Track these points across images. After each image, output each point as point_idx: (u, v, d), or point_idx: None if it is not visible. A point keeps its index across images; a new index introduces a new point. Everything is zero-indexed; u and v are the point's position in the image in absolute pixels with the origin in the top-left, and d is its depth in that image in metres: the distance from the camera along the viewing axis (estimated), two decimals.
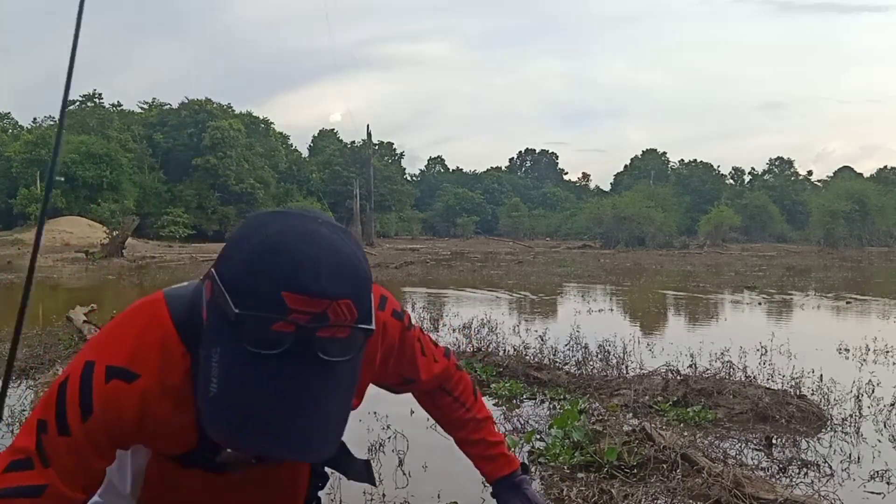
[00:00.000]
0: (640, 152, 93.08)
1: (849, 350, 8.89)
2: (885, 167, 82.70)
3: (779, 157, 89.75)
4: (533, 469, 4.66)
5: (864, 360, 8.34)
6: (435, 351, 1.41)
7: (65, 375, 0.98)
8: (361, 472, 1.40)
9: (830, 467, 4.68)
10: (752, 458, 4.88)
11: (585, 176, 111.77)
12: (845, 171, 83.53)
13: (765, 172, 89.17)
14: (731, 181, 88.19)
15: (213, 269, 0.93)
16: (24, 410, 5.63)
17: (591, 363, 7.81)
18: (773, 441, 5.21)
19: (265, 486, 1.17)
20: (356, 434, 4.75)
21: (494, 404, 6.37)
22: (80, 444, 0.93)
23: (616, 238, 51.27)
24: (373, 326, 0.90)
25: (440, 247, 48.65)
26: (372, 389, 1.47)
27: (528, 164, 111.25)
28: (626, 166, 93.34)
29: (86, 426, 0.93)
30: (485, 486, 4.36)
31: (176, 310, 1.01)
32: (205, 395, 0.87)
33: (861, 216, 51.39)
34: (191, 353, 0.98)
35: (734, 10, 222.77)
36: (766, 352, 8.71)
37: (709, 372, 6.82)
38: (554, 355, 8.19)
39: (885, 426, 5.70)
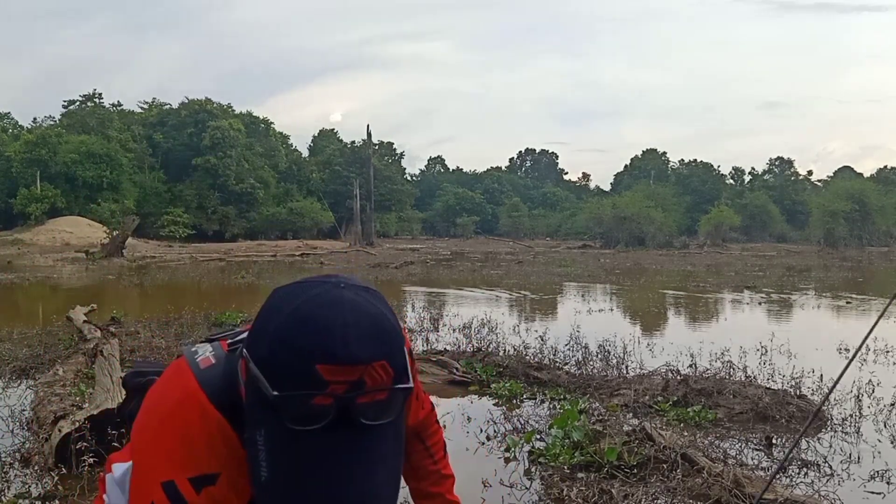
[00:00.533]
0: (640, 152, 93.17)
1: (849, 350, 8.88)
2: (885, 167, 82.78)
3: (779, 157, 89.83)
4: (533, 469, 4.67)
5: (864, 360, 8.33)
6: (424, 397, 1.38)
7: (145, 495, 0.95)
8: None
9: (830, 467, 4.68)
10: (752, 458, 4.88)
11: (585, 176, 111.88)
12: (845, 171, 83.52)
13: (765, 172, 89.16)
14: (731, 181, 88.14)
15: (244, 349, 0.91)
16: (23, 410, 5.63)
17: (591, 363, 7.81)
18: (773, 441, 5.22)
19: None
20: None
21: (494, 404, 6.38)
22: None
23: (616, 238, 51.29)
24: (411, 385, 0.89)
25: (440, 247, 48.68)
26: None
27: (528, 164, 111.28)
28: (626, 166, 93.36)
29: None
30: (485, 486, 4.38)
31: (215, 395, 0.99)
32: (257, 481, 0.86)
33: (861, 216, 51.40)
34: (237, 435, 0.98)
35: (734, 10, 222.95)
36: (766, 352, 8.71)
37: (709, 372, 6.83)
38: (554, 355, 8.20)
39: (885, 426, 5.70)
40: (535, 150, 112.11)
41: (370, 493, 0.85)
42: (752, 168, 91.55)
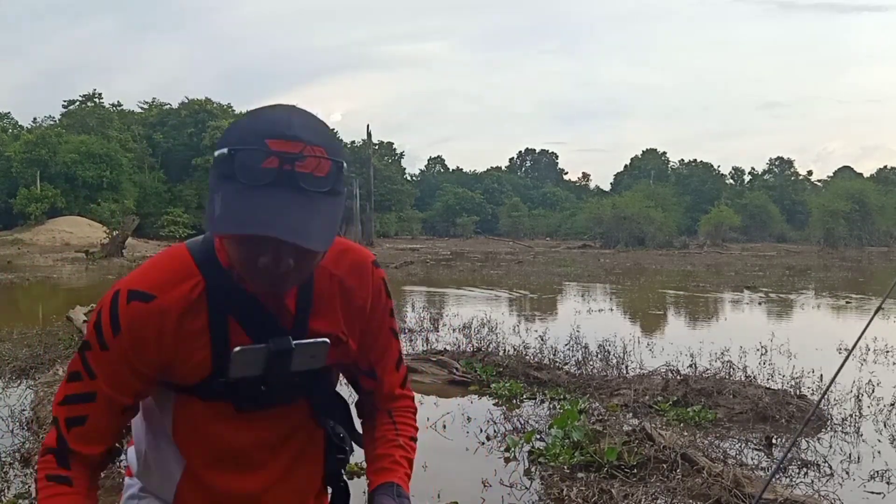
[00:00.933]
0: (640, 152, 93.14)
1: (849, 350, 8.88)
2: (885, 167, 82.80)
3: (779, 157, 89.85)
4: (533, 469, 4.67)
5: (864, 360, 8.34)
6: (401, 362, 1.42)
7: (100, 306, 1.17)
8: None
9: (830, 467, 4.68)
10: (752, 458, 4.88)
11: (585, 176, 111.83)
12: (845, 171, 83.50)
13: (765, 172, 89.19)
14: (731, 181, 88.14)
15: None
16: (23, 410, 5.64)
17: (591, 363, 7.81)
18: (773, 441, 5.22)
19: (279, 430, 1.27)
20: None
21: (494, 404, 6.38)
22: (115, 356, 1.14)
23: (616, 238, 51.26)
24: (342, 160, 1.08)
25: (440, 247, 48.66)
26: None
27: (528, 163, 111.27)
28: (626, 166, 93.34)
29: (117, 340, 1.13)
30: (485, 486, 4.38)
31: (192, 246, 1.21)
32: (211, 218, 1.04)
33: (861, 216, 51.37)
34: (205, 278, 1.16)
35: (734, 10, 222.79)
36: (766, 352, 8.71)
37: (709, 372, 6.83)
38: (554, 355, 8.19)
39: (885, 426, 5.70)
40: (534, 150, 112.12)
41: (302, 227, 1.01)
42: (752, 168, 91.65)
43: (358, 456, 1.45)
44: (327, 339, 1.23)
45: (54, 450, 1.17)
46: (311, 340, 1.21)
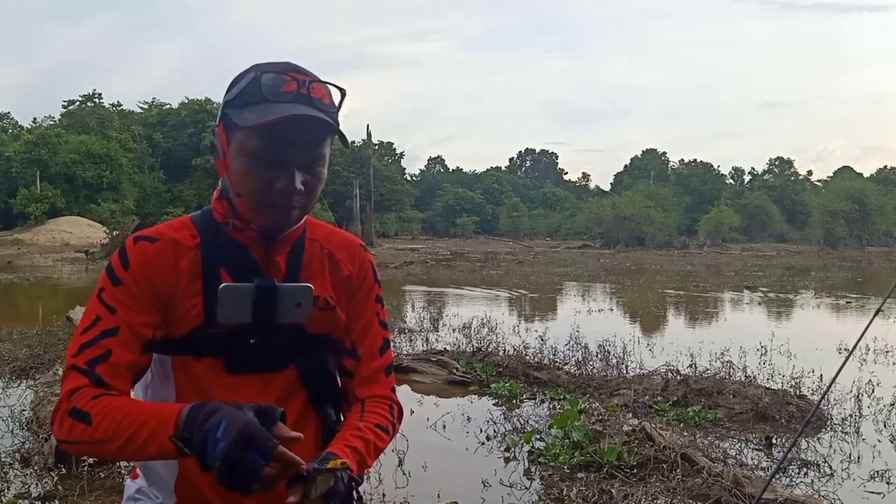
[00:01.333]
0: (640, 152, 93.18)
1: (848, 350, 8.88)
2: (885, 167, 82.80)
3: (779, 157, 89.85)
4: (533, 469, 4.67)
5: (864, 360, 8.34)
6: (386, 349, 1.42)
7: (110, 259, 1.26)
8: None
9: (830, 467, 4.69)
10: (752, 458, 4.88)
11: (585, 176, 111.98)
12: (845, 171, 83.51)
13: (765, 172, 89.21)
14: (731, 181, 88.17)
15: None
16: (23, 410, 5.63)
17: (591, 363, 7.81)
18: (773, 441, 5.22)
19: (269, 394, 1.28)
20: None
21: (494, 404, 6.38)
22: (129, 287, 1.21)
23: (616, 238, 51.24)
24: (344, 88, 1.25)
25: (440, 247, 48.65)
26: None
27: (528, 163, 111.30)
28: (626, 166, 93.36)
29: (128, 274, 1.21)
30: (485, 486, 4.38)
31: (193, 213, 1.35)
32: (240, 120, 1.18)
33: (861, 216, 51.34)
34: (201, 233, 1.27)
35: (734, 10, 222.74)
36: (766, 352, 8.70)
37: (709, 372, 6.82)
38: (554, 355, 8.19)
39: (885, 426, 5.70)
40: (534, 150, 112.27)
41: (322, 119, 1.18)
42: (752, 168, 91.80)
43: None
44: (311, 285, 1.27)
45: (79, 387, 1.16)
46: (296, 284, 1.26)
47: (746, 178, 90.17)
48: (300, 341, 1.29)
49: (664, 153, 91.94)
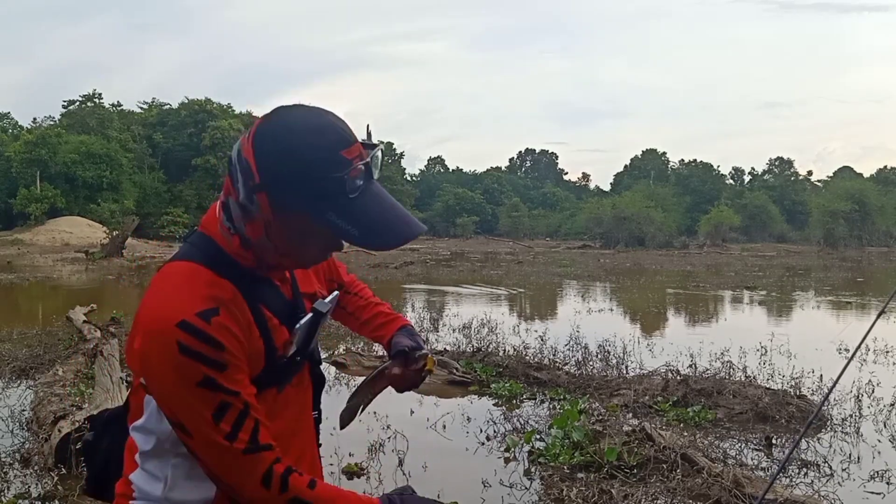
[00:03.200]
0: (640, 152, 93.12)
1: (848, 350, 8.87)
2: (885, 167, 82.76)
3: (779, 157, 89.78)
4: (533, 469, 4.67)
5: (864, 360, 8.33)
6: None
7: (166, 345, 1.10)
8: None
9: (830, 467, 4.68)
10: (752, 458, 4.88)
11: (585, 176, 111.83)
12: (845, 171, 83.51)
13: (765, 172, 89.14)
14: (731, 181, 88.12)
15: (256, 181, 1.15)
16: (23, 410, 5.63)
17: (591, 363, 7.81)
18: (773, 441, 5.22)
19: (298, 406, 1.37)
20: (356, 434, 4.76)
21: (494, 404, 6.38)
22: (235, 365, 1.15)
23: (616, 238, 51.26)
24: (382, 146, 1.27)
25: (440, 247, 48.62)
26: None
27: (528, 164, 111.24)
28: (626, 166, 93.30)
29: (227, 355, 1.13)
30: (485, 486, 4.38)
31: (192, 256, 1.22)
32: (351, 237, 1.15)
33: (861, 216, 51.35)
34: (230, 279, 1.20)
35: (734, 10, 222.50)
36: (766, 352, 8.71)
37: (709, 372, 6.82)
38: (554, 355, 8.19)
39: (885, 426, 5.70)
40: (534, 150, 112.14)
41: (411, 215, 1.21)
42: (752, 168, 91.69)
43: (358, 456, 1.46)
44: (337, 293, 1.42)
45: (282, 470, 1.16)
46: (331, 298, 1.37)
47: (746, 178, 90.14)
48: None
49: (664, 153, 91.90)
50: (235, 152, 1.18)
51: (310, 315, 1.29)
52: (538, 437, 5.16)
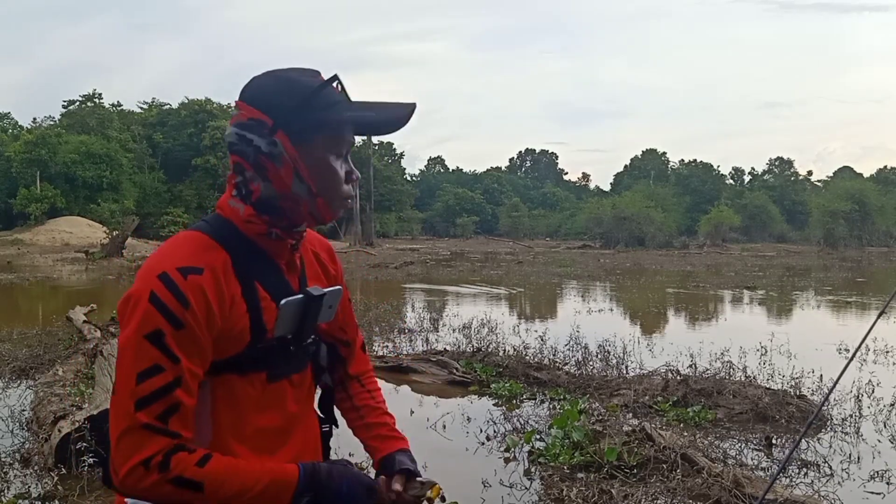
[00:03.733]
0: (640, 152, 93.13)
1: (848, 350, 8.88)
2: (885, 167, 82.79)
3: (779, 157, 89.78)
4: (533, 469, 4.67)
5: (864, 360, 8.33)
6: (358, 329, 1.60)
7: (144, 292, 1.14)
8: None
9: (830, 467, 4.68)
10: (752, 458, 4.88)
11: (585, 176, 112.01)
12: (845, 171, 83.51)
13: (765, 172, 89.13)
14: (731, 181, 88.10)
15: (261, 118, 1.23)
16: (23, 410, 5.63)
17: (591, 363, 7.80)
18: (773, 441, 5.22)
19: (295, 404, 1.34)
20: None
21: (494, 404, 6.38)
22: (193, 330, 1.14)
23: (616, 238, 51.22)
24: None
25: (440, 247, 48.64)
26: None
27: (528, 164, 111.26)
28: (625, 166, 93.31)
29: (189, 314, 1.13)
30: (485, 486, 4.38)
31: (200, 228, 1.26)
32: (367, 114, 1.26)
33: (861, 216, 51.30)
34: (227, 250, 1.22)
35: (734, 10, 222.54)
36: (766, 352, 8.70)
37: (709, 372, 6.82)
38: (554, 355, 8.19)
39: (885, 426, 5.70)
40: (534, 150, 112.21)
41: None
42: (752, 168, 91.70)
43: (358, 456, 1.45)
44: (340, 287, 1.39)
45: (163, 450, 1.11)
46: (333, 288, 1.35)
47: (746, 178, 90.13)
48: (315, 341, 1.37)
49: (664, 153, 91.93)
50: (234, 127, 1.25)
51: (300, 296, 1.27)
52: (538, 437, 5.16)
